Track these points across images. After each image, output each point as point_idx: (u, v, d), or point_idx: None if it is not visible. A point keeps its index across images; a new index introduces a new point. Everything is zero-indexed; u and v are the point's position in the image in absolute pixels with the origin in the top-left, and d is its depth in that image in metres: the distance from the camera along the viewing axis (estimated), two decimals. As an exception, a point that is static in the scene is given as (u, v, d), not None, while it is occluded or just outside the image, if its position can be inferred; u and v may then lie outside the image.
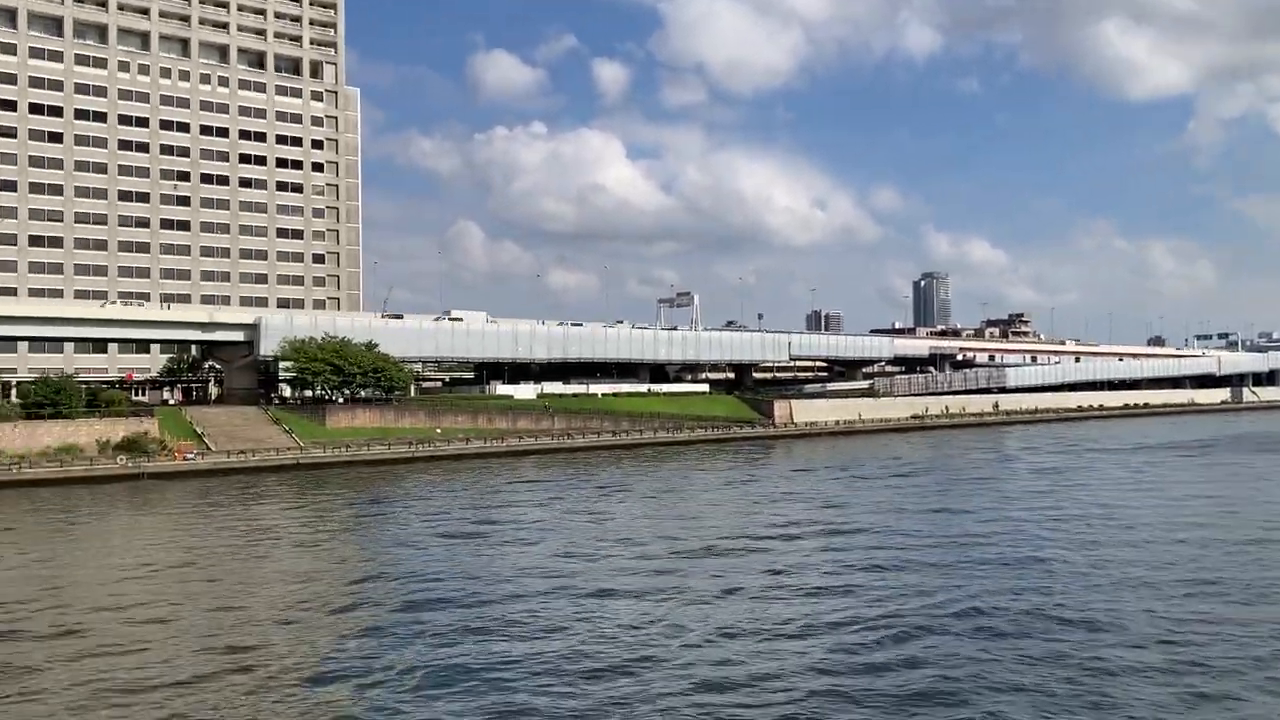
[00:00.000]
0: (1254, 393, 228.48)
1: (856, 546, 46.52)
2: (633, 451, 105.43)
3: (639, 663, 28.20)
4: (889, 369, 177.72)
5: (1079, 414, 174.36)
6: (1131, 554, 43.22)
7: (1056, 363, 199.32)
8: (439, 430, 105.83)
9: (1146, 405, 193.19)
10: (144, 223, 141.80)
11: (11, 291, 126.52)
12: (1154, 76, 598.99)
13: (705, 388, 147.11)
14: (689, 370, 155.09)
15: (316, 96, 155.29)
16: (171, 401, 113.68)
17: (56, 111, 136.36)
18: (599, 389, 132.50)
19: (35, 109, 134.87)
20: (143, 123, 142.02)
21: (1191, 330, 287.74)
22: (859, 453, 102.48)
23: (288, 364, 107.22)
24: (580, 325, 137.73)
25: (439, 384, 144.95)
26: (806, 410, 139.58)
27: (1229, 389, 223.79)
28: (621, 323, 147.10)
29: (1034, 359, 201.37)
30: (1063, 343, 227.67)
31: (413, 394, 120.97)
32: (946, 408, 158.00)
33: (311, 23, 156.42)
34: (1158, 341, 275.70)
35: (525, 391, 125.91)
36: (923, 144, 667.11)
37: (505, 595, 36.65)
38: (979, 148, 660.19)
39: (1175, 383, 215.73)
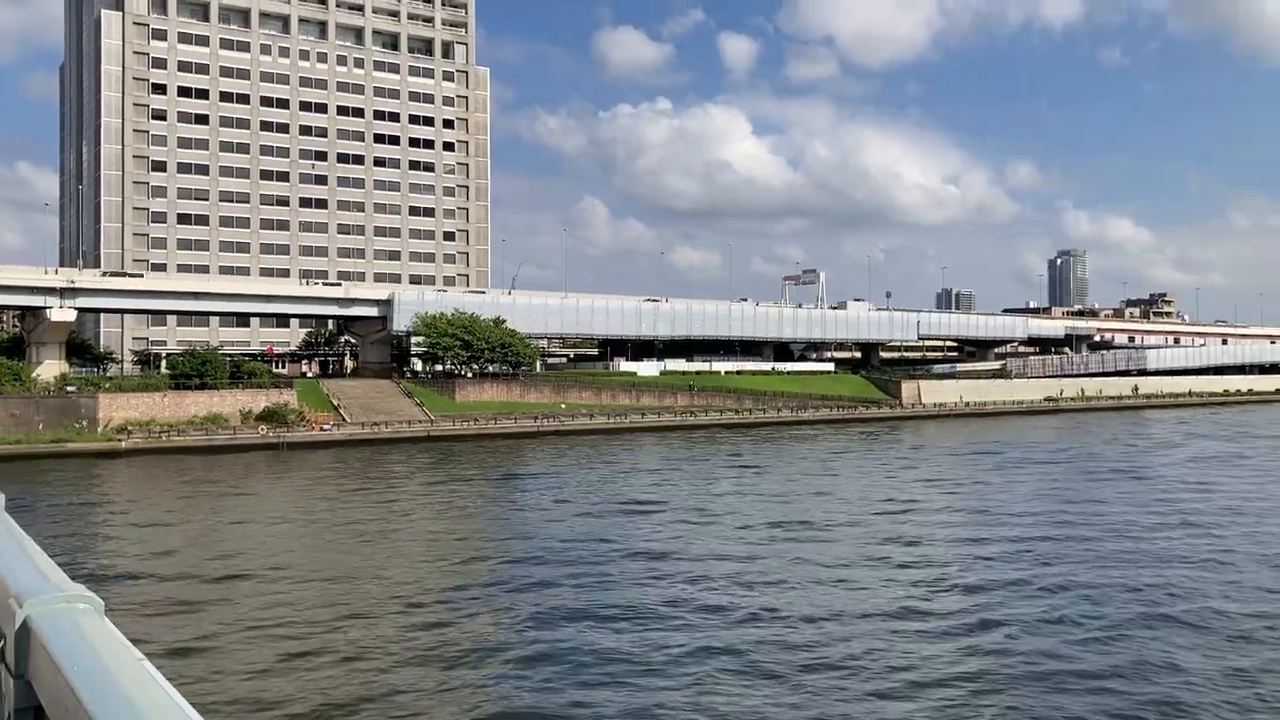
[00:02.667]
0: None
1: (1000, 537, 45.34)
2: (756, 430, 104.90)
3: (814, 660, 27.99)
4: (1022, 349, 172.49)
5: (1226, 398, 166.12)
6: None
7: (1202, 344, 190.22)
8: (563, 405, 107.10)
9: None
10: (284, 201, 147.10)
11: (161, 267, 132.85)
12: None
13: (830, 367, 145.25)
14: (814, 349, 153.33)
15: (448, 77, 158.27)
16: (309, 374, 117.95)
17: (203, 94, 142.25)
18: (722, 367, 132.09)
19: (183, 92, 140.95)
20: (283, 104, 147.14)
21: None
22: (991, 434, 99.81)
23: (419, 339, 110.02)
24: (704, 303, 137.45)
25: (563, 360, 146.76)
26: (935, 391, 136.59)
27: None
28: (745, 300, 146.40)
29: (1177, 340, 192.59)
30: (1210, 325, 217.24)
31: (538, 369, 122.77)
32: (1082, 390, 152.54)
33: (444, 3, 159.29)
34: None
35: (648, 368, 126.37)
36: (1062, 117, 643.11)
37: (633, 570, 36.89)
38: (1123, 121, 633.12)
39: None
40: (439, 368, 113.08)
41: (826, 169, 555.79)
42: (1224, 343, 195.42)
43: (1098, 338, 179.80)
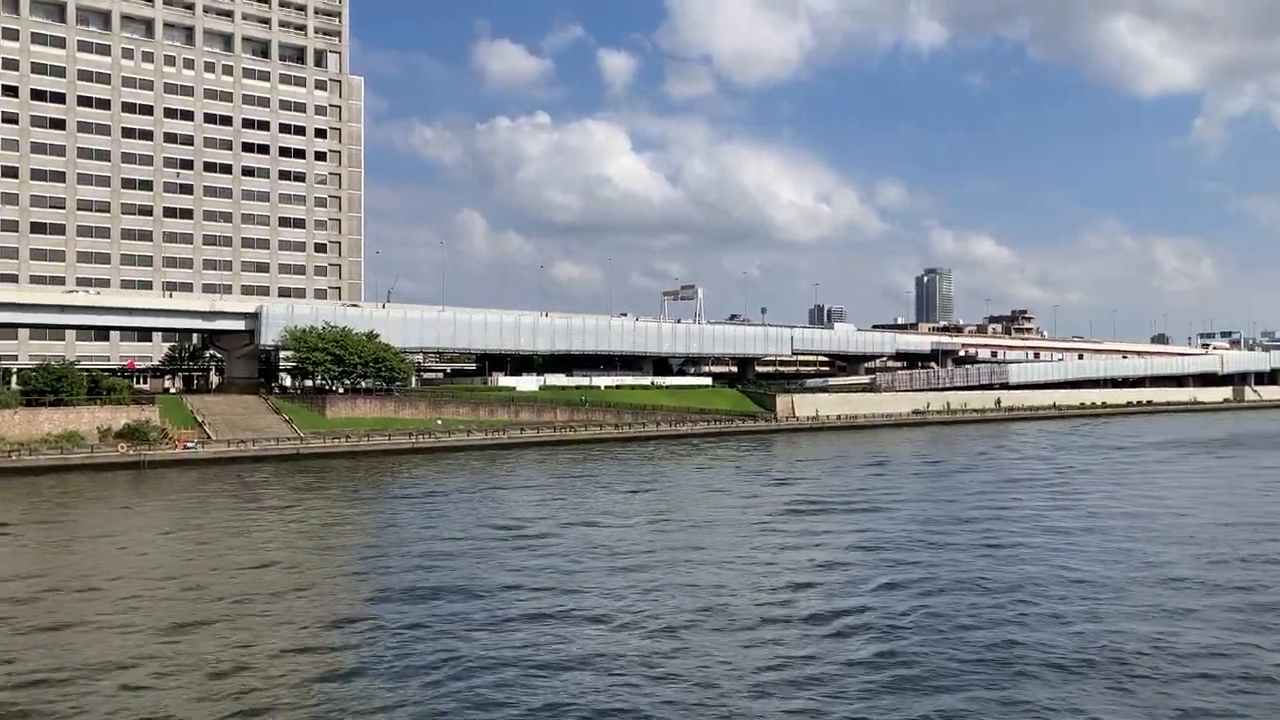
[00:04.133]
0: (1256, 391, 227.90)
1: (847, 537, 46.14)
2: (635, 444, 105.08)
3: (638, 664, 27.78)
4: (891, 364, 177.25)
5: (1082, 411, 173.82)
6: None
7: (1060, 360, 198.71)
8: (440, 421, 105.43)
9: (1150, 403, 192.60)
10: (147, 210, 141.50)
11: (13, 278, 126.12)
12: (1163, 74, 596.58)
13: (708, 381, 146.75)
14: (692, 363, 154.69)
15: (320, 85, 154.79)
16: (173, 390, 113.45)
17: (59, 98, 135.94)
18: (602, 381, 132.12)
19: (38, 95, 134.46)
20: (146, 110, 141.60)
21: (1195, 329, 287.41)
22: (859, 447, 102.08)
23: (288, 353, 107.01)
24: (584, 317, 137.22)
25: (440, 375, 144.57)
26: (808, 404, 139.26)
27: (1231, 388, 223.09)
28: (625, 315, 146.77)
29: (1037, 356, 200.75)
30: (1067, 340, 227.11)
31: (414, 385, 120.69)
32: (948, 404, 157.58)
33: (316, 11, 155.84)
34: (1161, 340, 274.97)
35: (528, 383, 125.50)
36: (929, 140, 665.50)
37: (497, 589, 36.29)
38: (986, 144, 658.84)
39: (1178, 381, 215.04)
40: (309, 383, 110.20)
41: (705, 186, 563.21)
42: (1080, 358, 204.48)
43: (962, 353, 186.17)
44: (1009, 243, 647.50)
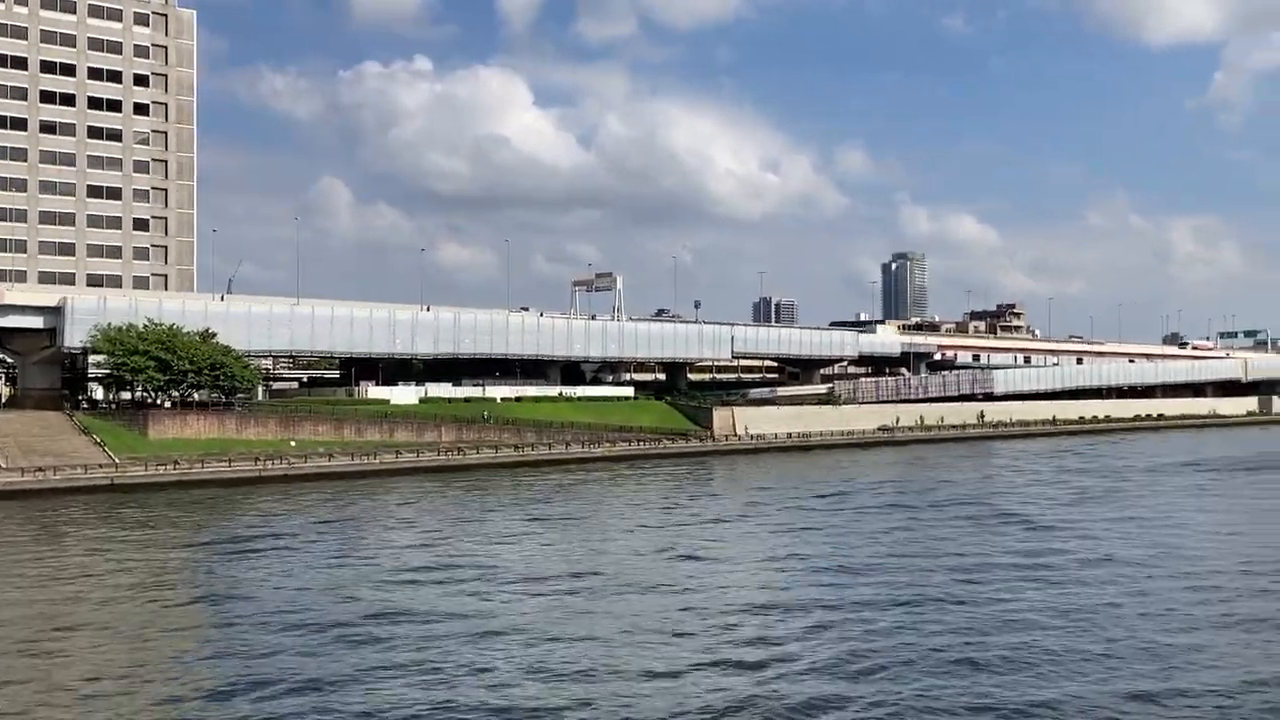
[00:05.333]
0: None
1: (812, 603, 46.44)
2: (539, 470, 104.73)
3: None
4: (852, 370, 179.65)
5: (1082, 426, 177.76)
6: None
7: (1054, 364, 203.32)
8: (294, 443, 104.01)
9: (1161, 416, 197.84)
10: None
11: None
12: (1177, 18, 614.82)
13: (630, 391, 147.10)
14: (610, 369, 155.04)
15: (141, 20, 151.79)
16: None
17: None
18: (498, 392, 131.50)
19: None
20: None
21: (1214, 327, 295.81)
22: (814, 473, 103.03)
23: (100, 358, 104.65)
24: (476, 312, 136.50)
25: (295, 385, 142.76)
26: (752, 420, 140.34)
27: (1257, 397, 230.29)
28: (527, 310, 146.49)
29: (1028, 360, 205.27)
30: (1064, 341, 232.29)
31: (261, 397, 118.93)
32: (921, 418, 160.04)
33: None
34: (1175, 340, 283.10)
35: (405, 395, 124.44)
36: (900, 96, 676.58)
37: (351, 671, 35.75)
38: (968, 102, 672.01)
39: (1195, 390, 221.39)
40: (127, 395, 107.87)
41: (625, 150, 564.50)
42: (1079, 362, 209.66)
43: (939, 356, 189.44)
44: (995, 222, 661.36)
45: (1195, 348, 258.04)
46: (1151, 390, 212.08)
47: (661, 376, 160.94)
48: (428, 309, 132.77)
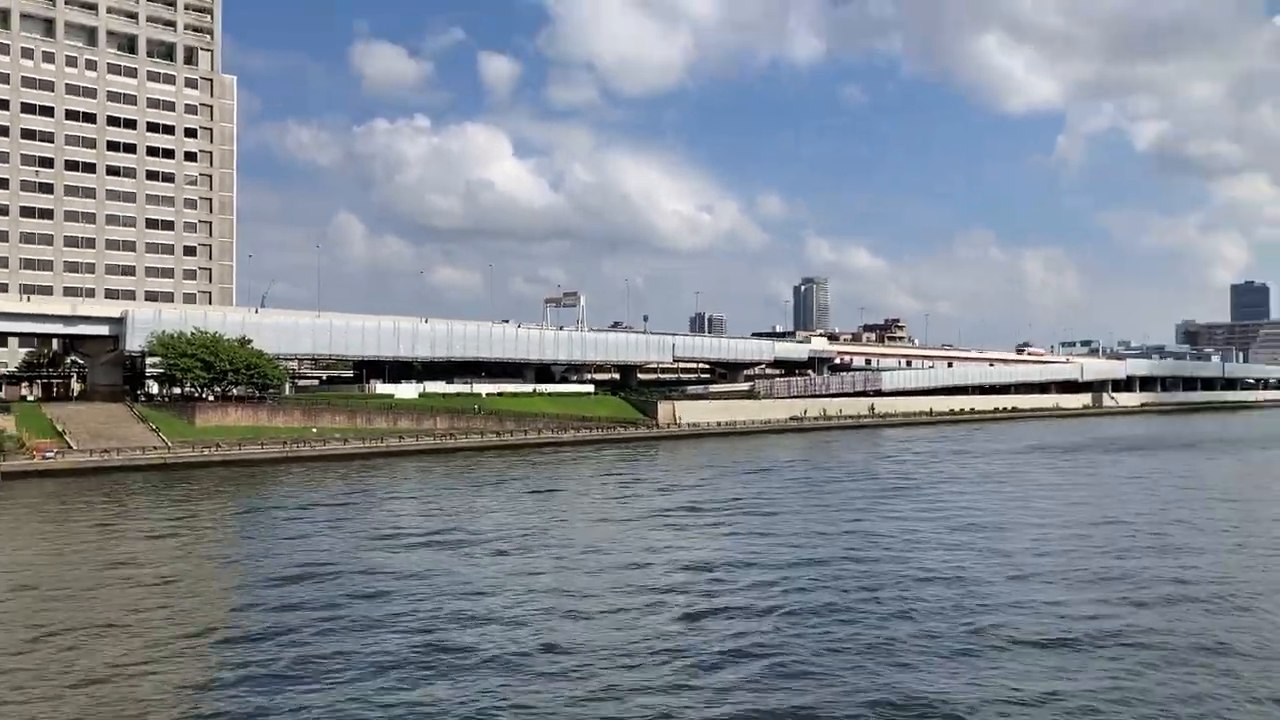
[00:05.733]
0: (1113, 398, 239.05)
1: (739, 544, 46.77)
2: (516, 452, 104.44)
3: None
4: (769, 371, 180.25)
5: (952, 417, 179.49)
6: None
7: (930, 367, 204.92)
8: (315, 430, 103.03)
9: (1015, 409, 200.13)
10: (3, 210, 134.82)
11: None
12: (1030, 92, 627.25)
13: (590, 388, 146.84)
14: (574, 371, 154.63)
15: (190, 83, 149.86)
16: (31, 398, 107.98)
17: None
18: (483, 389, 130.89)
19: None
20: (3, 105, 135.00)
21: (1057, 337, 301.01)
22: (740, 453, 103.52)
23: (155, 359, 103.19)
24: (465, 323, 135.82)
25: (316, 382, 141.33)
26: (690, 411, 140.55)
27: (1090, 394, 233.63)
28: (507, 322, 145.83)
29: (909, 363, 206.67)
30: (938, 348, 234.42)
31: (288, 392, 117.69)
32: (824, 410, 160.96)
33: (187, 7, 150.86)
34: (1026, 348, 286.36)
35: (406, 391, 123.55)
36: (807, 151, 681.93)
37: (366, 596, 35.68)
38: (862, 156, 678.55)
39: (1042, 388, 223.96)
40: (177, 390, 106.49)
41: (587, 192, 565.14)
42: (949, 365, 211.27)
43: (838, 360, 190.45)
44: (883, 253, 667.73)
45: (1030, 353, 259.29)
46: (1007, 388, 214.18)
47: (616, 376, 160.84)
48: (426, 321, 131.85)
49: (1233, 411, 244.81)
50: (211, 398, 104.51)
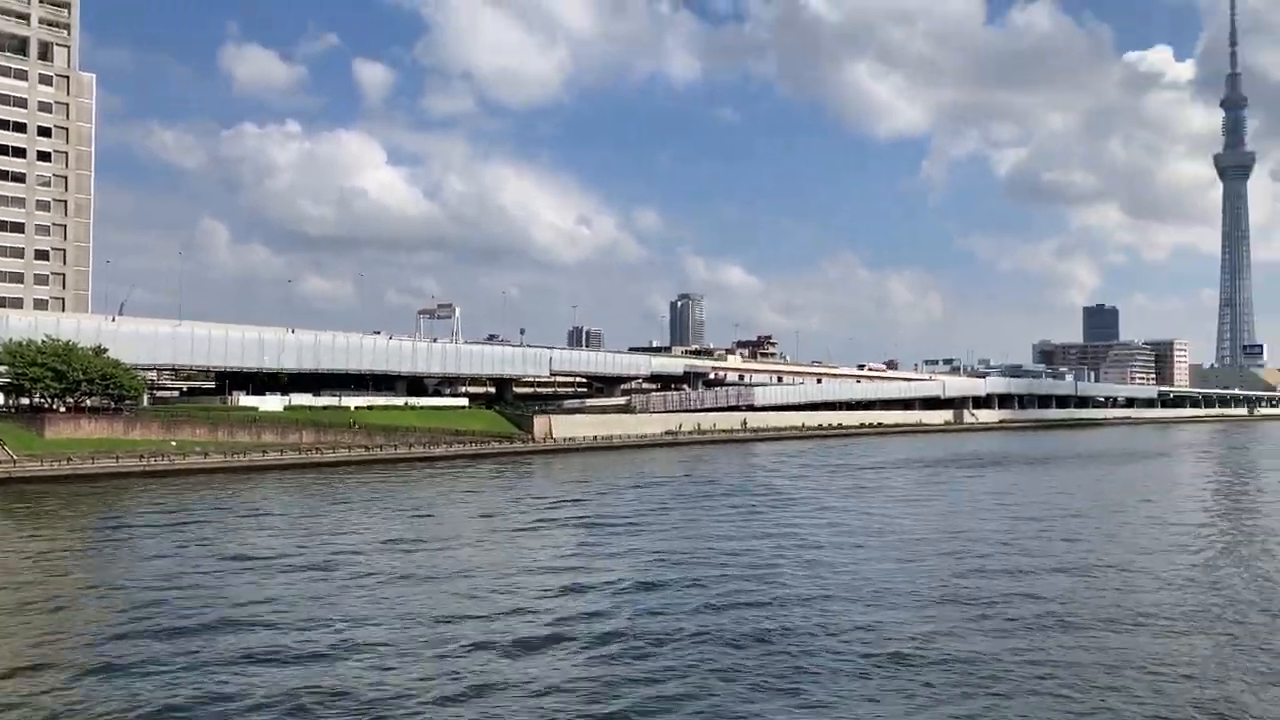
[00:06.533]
0: (974, 415, 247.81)
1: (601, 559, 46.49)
2: (387, 467, 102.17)
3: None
4: (646, 386, 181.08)
5: (821, 432, 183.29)
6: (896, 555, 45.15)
7: (801, 383, 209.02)
8: (174, 443, 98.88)
9: (881, 425, 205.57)
10: None
11: None
12: (897, 117, 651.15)
13: (464, 402, 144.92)
14: (448, 383, 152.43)
15: (45, 80, 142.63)
16: None
17: None
18: (352, 401, 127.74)
19: None
20: None
21: (921, 355, 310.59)
22: (615, 467, 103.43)
23: (2, 369, 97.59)
24: (334, 334, 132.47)
25: (176, 394, 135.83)
26: (566, 425, 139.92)
27: (952, 411, 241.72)
28: (379, 333, 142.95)
29: (780, 379, 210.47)
30: (808, 365, 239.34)
31: (146, 404, 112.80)
32: (699, 425, 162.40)
33: (41, 1, 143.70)
34: (892, 365, 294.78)
35: (272, 403, 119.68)
36: (683, 169, 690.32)
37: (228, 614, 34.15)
38: (736, 176, 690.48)
39: (906, 404, 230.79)
40: (26, 401, 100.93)
41: (463, 203, 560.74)
42: (819, 381, 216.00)
43: (713, 375, 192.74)
44: (757, 271, 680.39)
45: (871, 369, 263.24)
46: (874, 404, 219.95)
47: (492, 390, 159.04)
48: (293, 331, 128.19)
49: (1084, 428, 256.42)
50: (63, 409, 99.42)
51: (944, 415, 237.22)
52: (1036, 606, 36.31)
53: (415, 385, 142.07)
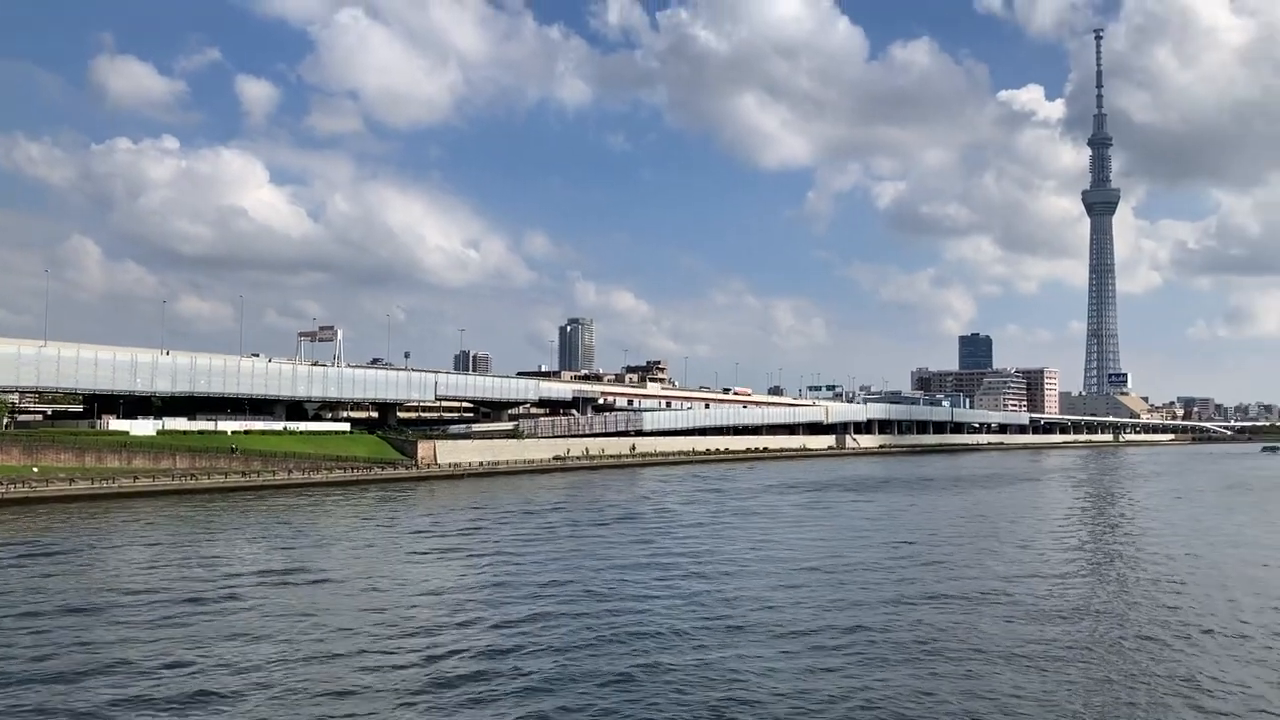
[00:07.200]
0: (855, 440, 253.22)
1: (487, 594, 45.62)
2: (264, 493, 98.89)
3: None
4: (534, 411, 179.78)
5: (709, 457, 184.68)
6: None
7: (689, 408, 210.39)
8: (36, 469, 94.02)
9: (766, 450, 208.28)
10: None
11: None
12: (783, 148, 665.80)
13: (347, 427, 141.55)
14: (330, 408, 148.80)
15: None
16: None
17: None
18: (229, 426, 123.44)
19: None
20: None
21: (805, 381, 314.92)
22: (499, 495, 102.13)
23: None
24: (211, 356, 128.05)
25: (40, 417, 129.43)
26: (451, 451, 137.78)
27: (835, 436, 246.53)
28: (258, 355, 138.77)
29: (669, 404, 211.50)
30: (696, 390, 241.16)
31: (5, 428, 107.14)
32: (587, 449, 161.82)
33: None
34: (777, 391, 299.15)
35: (144, 428, 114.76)
36: (573, 194, 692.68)
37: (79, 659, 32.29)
38: (626, 202, 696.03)
39: (791, 429, 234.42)
40: None
41: (348, 224, 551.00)
42: (707, 406, 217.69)
43: (602, 400, 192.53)
44: (646, 297, 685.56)
45: (737, 392, 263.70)
46: (760, 429, 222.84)
47: (375, 415, 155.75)
48: (167, 353, 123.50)
49: (959, 453, 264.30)
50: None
51: (827, 440, 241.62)
52: (909, 634, 36.77)
53: (295, 410, 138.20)
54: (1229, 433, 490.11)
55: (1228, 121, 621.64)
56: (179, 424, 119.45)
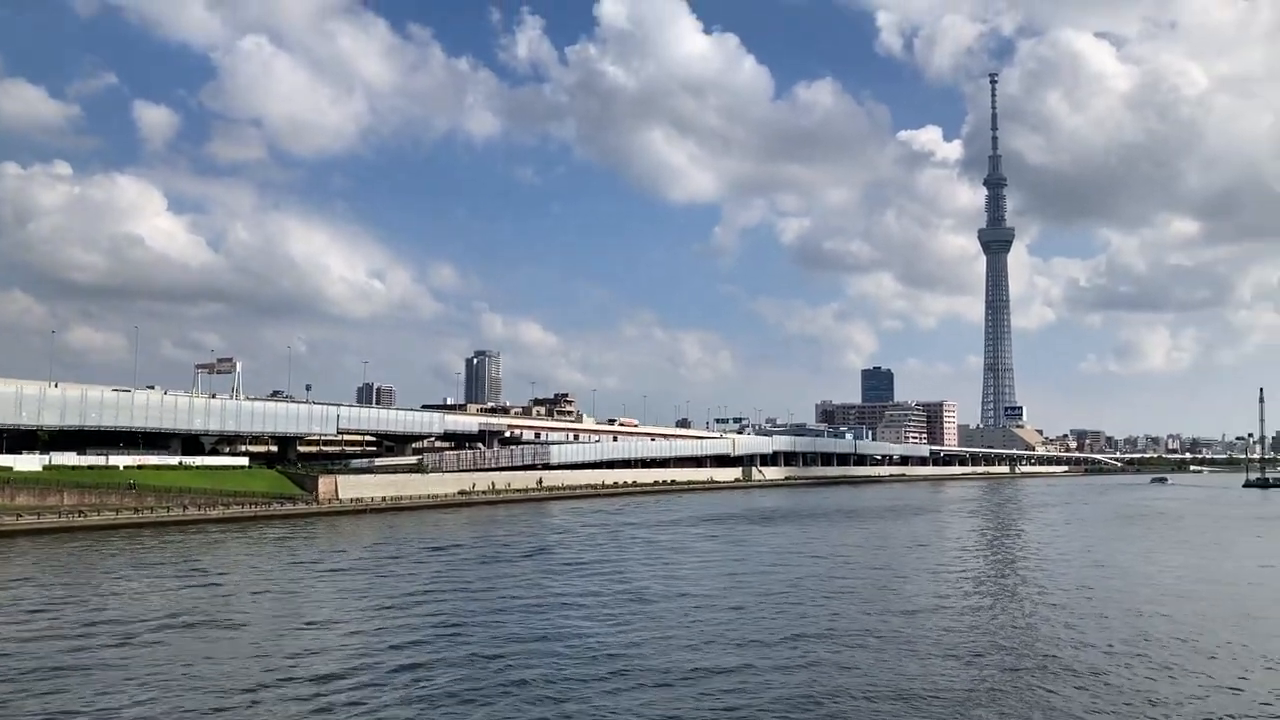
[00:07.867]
0: (761, 472, 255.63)
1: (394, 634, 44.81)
2: (158, 530, 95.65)
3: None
4: (439, 444, 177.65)
5: (616, 490, 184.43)
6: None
7: (597, 441, 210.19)
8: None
9: (674, 482, 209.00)
10: None
11: None
12: (691, 183, 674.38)
13: (245, 461, 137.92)
14: (227, 442, 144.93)
15: None
16: None
17: None
18: (121, 460, 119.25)
19: None
20: None
21: (712, 414, 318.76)
22: (403, 530, 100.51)
23: None
24: (103, 389, 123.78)
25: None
26: (353, 486, 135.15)
27: (741, 468, 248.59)
28: (153, 388, 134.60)
29: (576, 437, 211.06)
30: (604, 423, 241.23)
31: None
32: (493, 484, 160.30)
33: None
34: (685, 424, 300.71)
35: (28, 463, 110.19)
36: (481, 226, 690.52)
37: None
38: (535, 234, 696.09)
39: (698, 462, 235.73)
40: None
41: (249, 254, 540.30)
42: (615, 439, 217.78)
43: (508, 434, 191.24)
44: (555, 329, 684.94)
45: (623, 422, 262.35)
46: (668, 462, 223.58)
47: (275, 449, 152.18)
48: (55, 385, 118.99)
49: (862, 485, 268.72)
50: None
51: (734, 472, 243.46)
52: (803, 674, 37.20)
53: (191, 444, 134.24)
54: (1119, 464, 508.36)
55: (1115, 164, 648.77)
56: (68, 459, 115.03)
